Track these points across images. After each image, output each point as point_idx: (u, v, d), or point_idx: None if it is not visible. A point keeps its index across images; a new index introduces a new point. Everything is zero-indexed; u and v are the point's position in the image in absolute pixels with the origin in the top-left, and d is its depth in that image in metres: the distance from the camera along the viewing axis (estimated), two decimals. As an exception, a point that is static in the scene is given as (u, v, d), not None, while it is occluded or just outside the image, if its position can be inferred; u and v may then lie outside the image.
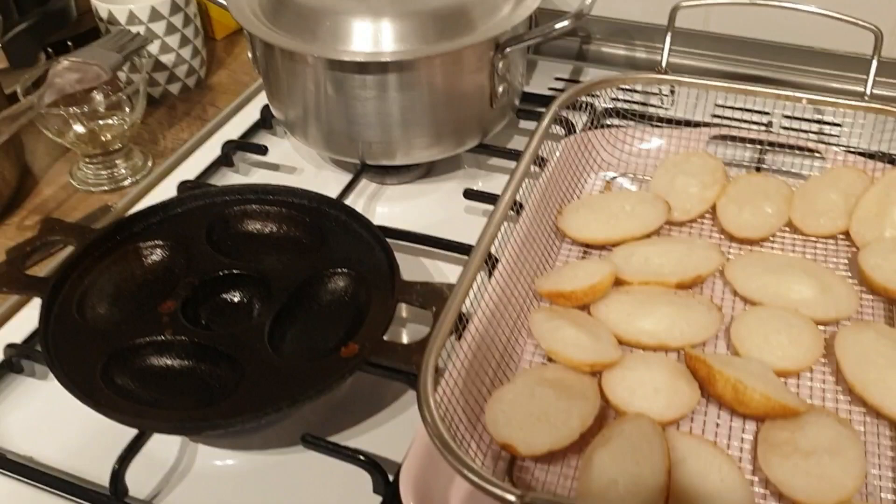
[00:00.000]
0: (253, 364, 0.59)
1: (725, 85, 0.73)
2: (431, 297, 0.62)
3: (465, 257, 0.71)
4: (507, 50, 0.74)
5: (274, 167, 0.87)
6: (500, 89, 0.77)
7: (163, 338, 0.61)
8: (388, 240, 0.69)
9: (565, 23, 0.73)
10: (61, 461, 0.61)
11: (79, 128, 0.80)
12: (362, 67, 0.73)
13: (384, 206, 0.82)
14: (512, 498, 0.43)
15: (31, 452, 0.62)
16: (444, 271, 0.74)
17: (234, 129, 0.91)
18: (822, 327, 0.61)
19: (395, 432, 0.61)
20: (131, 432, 0.59)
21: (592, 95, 0.80)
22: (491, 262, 0.65)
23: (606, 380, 0.57)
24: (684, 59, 0.93)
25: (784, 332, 0.59)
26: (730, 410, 0.56)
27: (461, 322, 0.58)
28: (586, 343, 0.58)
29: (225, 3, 0.79)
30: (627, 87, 0.88)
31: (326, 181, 0.84)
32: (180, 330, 0.62)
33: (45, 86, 0.77)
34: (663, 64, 0.77)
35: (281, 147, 0.89)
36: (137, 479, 0.58)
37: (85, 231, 0.69)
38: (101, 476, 0.58)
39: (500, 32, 0.74)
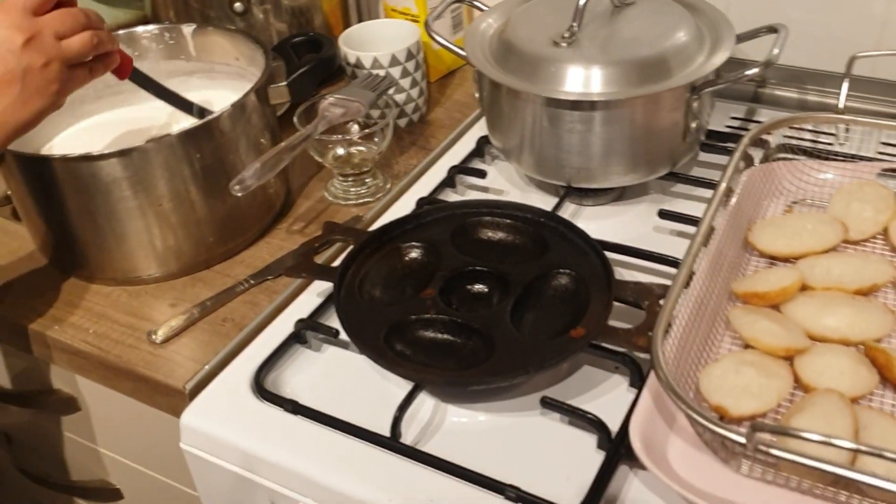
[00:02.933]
0: (502, 338, 0.74)
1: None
2: (643, 293, 0.76)
3: (661, 266, 0.86)
4: (702, 92, 0.88)
5: (485, 190, 1.03)
6: (693, 126, 0.91)
7: (428, 316, 0.77)
8: (596, 249, 0.83)
9: (755, 70, 0.85)
10: (341, 415, 0.77)
11: (340, 150, 0.99)
12: (575, 105, 0.88)
13: (583, 224, 0.96)
14: (740, 439, 0.56)
15: (315, 406, 0.78)
16: (641, 280, 0.87)
17: (452, 157, 1.07)
18: None
19: (606, 410, 0.73)
20: (392, 394, 0.75)
21: (769, 133, 0.92)
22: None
23: (798, 362, 0.69)
24: (852, 103, 1.03)
25: (954, 334, 0.69)
26: (904, 394, 0.68)
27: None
28: (780, 333, 0.70)
29: (464, 53, 0.96)
30: (798, 126, 0.99)
31: (531, 202, 0.99)
32: (442, 311, 0.78)
33: (318, 118, 0.96)
34: (841, 105, 0.89)
35: (491, 173, 1.04)
36: (403, 430, 0.73)
37: (359, 232, 0.87)
38: (373, 427, 0.74)
39: (697, 77, 0.87)
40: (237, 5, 1.12)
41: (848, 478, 0.54)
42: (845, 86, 0.89)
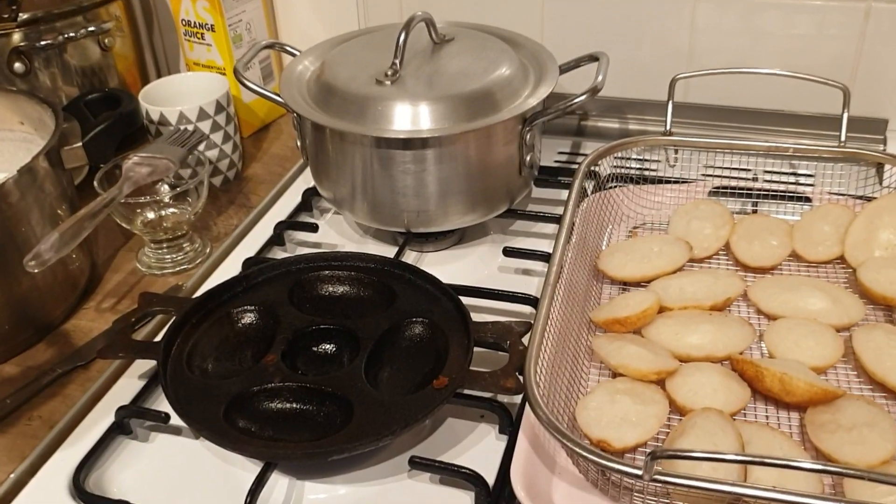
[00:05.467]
0: (359, 400, 0.67)
1: (724, 142, 0.86)
2: (504, 333, 0.72)
3: (513, 305, 0.82)
4: (535, 122, 0.86)
5: (318, 245, 0.96)
6: (528, 158, 0.89)
7: (273, 385, 0.69)
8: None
9: (583, 97, 0.85)
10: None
11: (150, 214, 0.88)
12: (406, 143, 0.83)
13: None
14: (636, 471, 0.51)
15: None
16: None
17: (277, 213, 1.00)
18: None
19: (478, 463, 0.66)
20: (240, 479, 0.66)
21: (597, 164, 0.92)
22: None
23: (670, 385, 0.66)
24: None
25: (811, 337, 0.69)
26: (775, 403, 0.66)
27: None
28: (648, 356, 0.67)
29: (281, 99, 0.89)
30: (628, 151, 0.99)
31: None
32: (287, 377, 0.69)
33: (123, 179, 0.86)
34: (668, 127, 0.90)
35: (322, 227, 0.98)
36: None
37: (181, 301, 0.77)
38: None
39: (528, 108, 0.85)
40: (17, 65, 0.99)
41: (748, 495, 0.51)
42: (670, 107, 0.90)
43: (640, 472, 0.51)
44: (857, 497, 0.56)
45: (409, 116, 0.84)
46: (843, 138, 0.85)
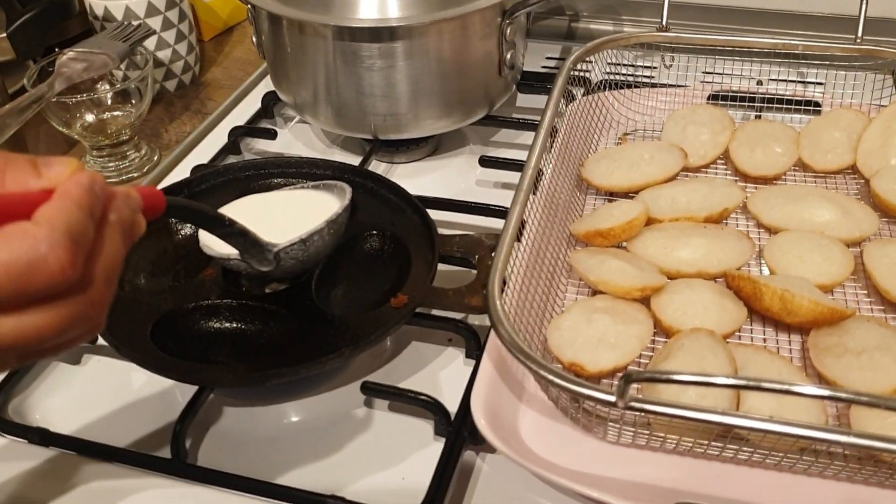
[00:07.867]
0: (306, 319, 0.59)
1: (725, 38, 0.77)
2: (472, 247, 0.64)
3: (489, 219, 0.74)
4: (515, 14, 0.77)
5: (279, 155, 0.87)
6: (508, 56, 0.80)
7: (209, 301, 0.61)
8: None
9: (569, -17, 0.75)
10: (109, 440, 0.59)
11: (89, 117, 0.80)
12: (372, 34, 0.74)
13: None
14: (608, 397, 0.44)
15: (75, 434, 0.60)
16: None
17: (234, 120, 0.91)
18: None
19: (442, 390, 0.61)
20: (171, 408, 0.59)
21: (586, 70, 0.83)
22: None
23: (656, 303, 0.59)
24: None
25: (817, 251, 0.62)
26: (774, 324, 0.59)
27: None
28: (632, 271, 0.60)
29: (232, -14, 0.80)
30: (613, 60, 0.90)
31: (334, 165, 0.85)
32: (227, 293, 0.62)
33: (55, 75, 0.77)
34: (664, 22, 0.80)
35: (284, 136, 0.89)
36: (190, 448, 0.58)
37: (113, 209, 0.69)
38: (155, 449, 0.58)
39: (507, -3, 0.76)
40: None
41: (740, 426, 0.43)
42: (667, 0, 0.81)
43: (612, 399, 0.44)
44: (865, 428, 0.49)
45: (376, 4, 0.76)
46: (859, 34, 0.76)
